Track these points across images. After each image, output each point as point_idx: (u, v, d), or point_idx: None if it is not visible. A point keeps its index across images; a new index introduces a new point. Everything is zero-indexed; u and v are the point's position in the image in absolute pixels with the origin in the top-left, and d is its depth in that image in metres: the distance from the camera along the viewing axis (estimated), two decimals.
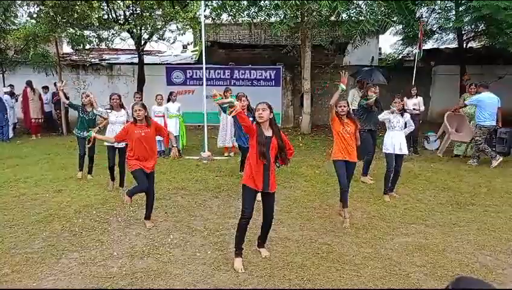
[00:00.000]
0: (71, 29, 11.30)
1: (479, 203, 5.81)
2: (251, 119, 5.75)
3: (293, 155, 4.02)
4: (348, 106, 5.12)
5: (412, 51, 13.97)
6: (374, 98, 6.71)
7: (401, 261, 4.03)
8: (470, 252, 4.24)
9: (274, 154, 3.78)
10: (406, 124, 6.00)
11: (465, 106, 8.66)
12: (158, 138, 8.65)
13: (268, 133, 3.79)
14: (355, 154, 5.05)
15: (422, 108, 9.31)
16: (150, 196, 4.96)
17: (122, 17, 11.91)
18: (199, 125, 11.67)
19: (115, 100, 6.42)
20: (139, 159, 4.76)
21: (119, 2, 10.76)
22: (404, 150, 5.91)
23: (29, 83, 11.78)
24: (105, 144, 6.25)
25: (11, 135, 11.40)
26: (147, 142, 4.77)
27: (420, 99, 9.28)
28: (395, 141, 5.83)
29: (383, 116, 5.97)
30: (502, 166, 7.89)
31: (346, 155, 5.00)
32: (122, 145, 6.02)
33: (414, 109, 8.99)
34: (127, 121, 6.09)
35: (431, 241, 4.49)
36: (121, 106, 6.52)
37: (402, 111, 5.95)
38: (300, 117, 12.51)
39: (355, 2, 11.07)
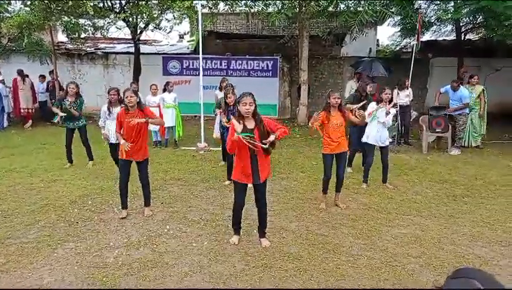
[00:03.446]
0: (66, 18, 11.13)
1: (475, 195, 5.84)
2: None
3: (286, 133, 3.86)
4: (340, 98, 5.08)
5: (409, 43, 13.92)
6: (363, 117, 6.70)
7: (396, 252, 4.05)
8: (465, 243, 4.27)
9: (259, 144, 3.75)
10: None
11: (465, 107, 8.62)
12: (154, 128, 8.74)
13: (250, 125, 3.76)
14: (344, 144, 5.10)
15: (411, 98, 9.44)
16: (143, 186, 4.97)
17: (117, 5, 11.73)
18: (195, 116, 11.61)
19: (113, 95, 6.13)
20: (131, 146, 4.66)
21: None
22: (386, 142, 6.00)
23: (19, 72, 11.62)
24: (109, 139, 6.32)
25: (5, 124, 11.30)
26: (138, 130, 4.67)
27: (410, 90, 9.36)
28: (377, 133, 5.92)
29: (369, 119, 5.93)
30: (499, 157, 7.94)
31: (334, 148, 5.03)
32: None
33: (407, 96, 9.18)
34: None
35: (427, 233, 4.51)
36: (120, 102, 6.16)
37: (389, 103, 5.96)
38: (298, 108, 12.47)
39: None
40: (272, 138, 3.67)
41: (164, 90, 8.93)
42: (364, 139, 6.11)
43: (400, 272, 3.66)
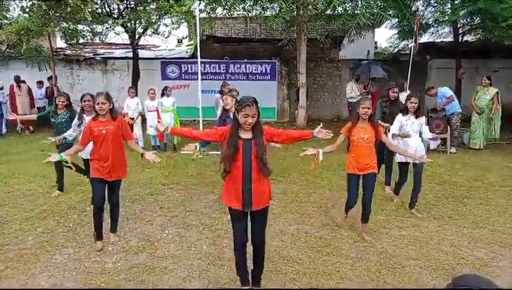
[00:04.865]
0: (64, 24, 11.16)
1: (474, 196, 5.83)
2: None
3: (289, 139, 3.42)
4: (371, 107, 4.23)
5: (407, 45, 13.96)
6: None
7: (396, 254, 4.04)
8: (464, 245, 4.26)
9: (256, 161, 3.03)
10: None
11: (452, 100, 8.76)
12: (152, 132, 8.73)
13: (247, 135, 3.04)
14: (373, 164, 4.29)
15: None
16: (113, 207, 4.35)
17: (116, 11, 11.78)
18: (194, 120, 11.62)
19: (88, 102, 5.23)
20: (102, 162, 4.04)
21: None
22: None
23: (16, 79, 11.63)
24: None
25: (4, 130, 11.29)
26: (110, 141, 4.03)
27: (409, 92, 9.38)
28: (408, 148, 5.00)
29: (393, 131, 5.16)
30: (498, 158, 7.96)
31: (361, 167, 4.25)
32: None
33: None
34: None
35: (426, 234, 4.50)
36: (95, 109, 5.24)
37: (417, 113, 5.10)
38: (296, 111, 12.49)
39: None
40: None
41: (162, 95, 8.94)
42: (396, 158, 5.31)
43: (399, 274, 3.65)
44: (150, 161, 3.99)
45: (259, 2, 11.36)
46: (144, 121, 9.26)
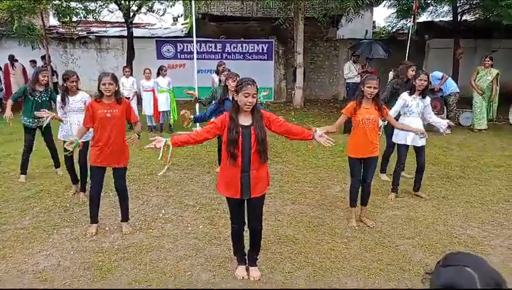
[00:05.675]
0: (57, 1, 10.93)
1: (469, 176, 5.88)
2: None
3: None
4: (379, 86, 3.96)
5: (406, 24, 13.80)
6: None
7: (390, 233, 4.09)
8: (458, 224, 4.32)
9: (256, 147, 2.95)
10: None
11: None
12: (148, 112, 8.67)
13: (247, 121, 2.98)
14: (375, 147, 4.11)
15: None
16: (120, 195, 4.19)
17: None
18: (190, 100, 11.53)
19: (75, 82, 4.79)
20: (104, 147, 3.84)
21: None
22: (422, 141, 4.81)
23: (10, 58, 11.45)
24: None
25: None
26: (113, 125, 3.83)
27: None
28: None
29: (395, 109, 4.87)
30: (493, 139, 8.00)
31: (362, 151, 4.08)
32: (84, 138, 4.22)
33: None
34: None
35: (420, 214, 4.56)
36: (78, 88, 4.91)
37: (424, 92, 4.77)
38: (293, 91, 12.42)
39: None
40: None
41: (158, 75, 8.84)
42: (393, 138, 5.08)
43: (393, 253, 3.71)
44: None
45: None
46: (139, 101, 9.18)
